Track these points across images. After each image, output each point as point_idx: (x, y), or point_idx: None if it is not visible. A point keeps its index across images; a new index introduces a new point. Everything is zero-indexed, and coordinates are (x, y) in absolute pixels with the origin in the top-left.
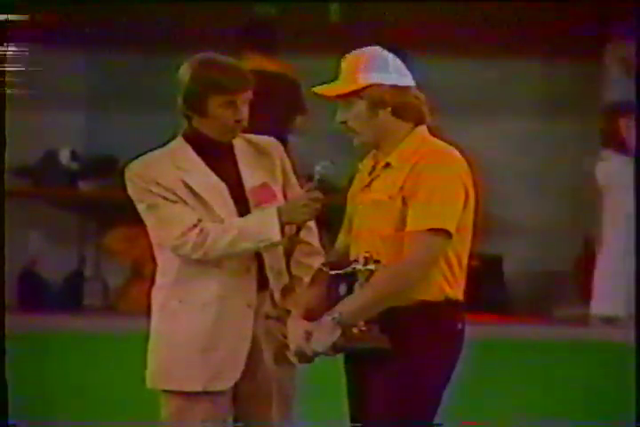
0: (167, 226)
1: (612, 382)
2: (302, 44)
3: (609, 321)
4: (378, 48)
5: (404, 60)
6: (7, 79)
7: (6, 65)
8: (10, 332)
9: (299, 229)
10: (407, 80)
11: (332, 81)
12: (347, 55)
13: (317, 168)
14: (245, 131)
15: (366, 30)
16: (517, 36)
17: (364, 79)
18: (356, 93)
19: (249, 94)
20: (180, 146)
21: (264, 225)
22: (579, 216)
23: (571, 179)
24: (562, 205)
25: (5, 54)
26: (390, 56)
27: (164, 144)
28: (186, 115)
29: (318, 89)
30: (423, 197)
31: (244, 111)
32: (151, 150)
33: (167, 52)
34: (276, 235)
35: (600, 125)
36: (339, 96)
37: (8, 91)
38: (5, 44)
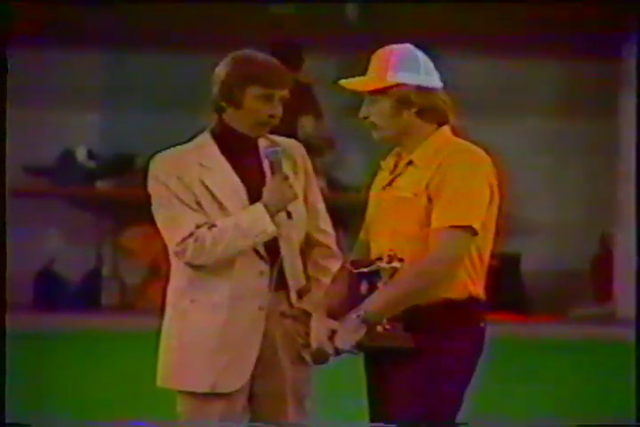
0: (170, 229)
1: (625, 381)
2: (319, 42)
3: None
4: (410, 46)
5: (434, 60)
6: (23, 79)
7: (22, 64)
8: (28, 330)
9: (289, 214)
10: (435, 81)
11: (359, 75)
12: (379, 50)
13: (267, 152)
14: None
15: (385, 29)
16: (538, 37)
17: (392, 77)
18: (383, 91)
19: (286, 93)
20: (206, 142)
21: (255, 220)
22: (595, 215)
23: (587, 178)
24: (578, 204)
25: (21, 54)
26: (422, 56)
27: (189, 140)
28: (218, 107)
29: (345, 82)
30: (449, 195)
31: (279, 108)
32: (168, 147)
33: (183, 51)
34: (269, 226)
35: None
36: (366, 92)
37: (25, 90)
38: (21, 43)
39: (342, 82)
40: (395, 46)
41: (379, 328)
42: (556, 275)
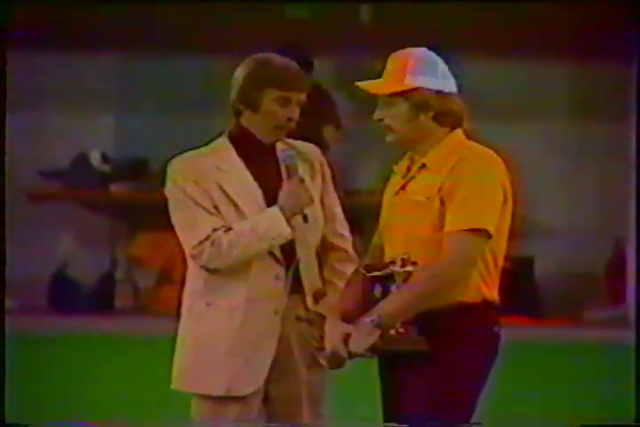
0: (187, 232)
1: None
2: (332, 44)
3: None
4: (427, 50)
5: (447, 63)
6: (38, 82)
7: (37, 68)
8: (42, 333)
9: (305, 217)
10: (452, 86)
11: (375, 78)
12: (394, 53)
13: (282, 156)
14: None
15: (397, 32)
16: (552, 39)
17: (410, 81)
18: (401, 94)
19: (303, 97)
20: (223, 146)
21: (272, 223)
22: (609, 218)
23: (601, 180)
24: (592, 206)
25: (35, 57)
26: (439, 60)
27: (207, 143)
28: (236, 110)
29: (363, 84)
30: (462, 198)
31: (296, 112)
32: (183, 151)
33: (197, 54)
34: (285, 229)
35: None
36: (384, 95)
37: (39, 93)
38: (34, 46)
39: (360, 84)
40: (412, 50)
41: (392, 332)
42: (569, 278)
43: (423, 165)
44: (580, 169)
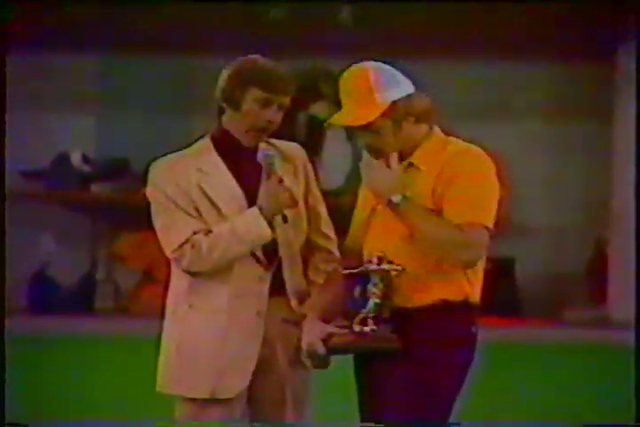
0: (167, 235)
1: (620, 383)
2: (313, 45)
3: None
4: (374, 62)
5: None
6: (19, 82)
7: (18, 68)
8: (22, 334)
9: (285, 218)
10: (411, 85)
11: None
12: (347, 78)
13: (261, 156)
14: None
15: (378, 33)
16: (532, 39)
17: (382, 99)
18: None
19: (287, 101)
20: (205, 147)
21: (251, 224)
22: (590, 218)
23: (583, 181)
24: (574, 207)
25: (17, 58)
26: (388, 66)
27: (189, 145)
28: (219, 109)
29: (337, 120)
30: (467, 195)
31: (278, 115)
32: (166, 154)
33: (178, 56)
34: (266, 231)
35: None
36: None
37: (21, 93)
38: (19, 46)
39: (334, 121)
40: (363, 68)
41: (366, 329)
42: (551, 278)
43: (410, 164)
44: (561, 169)
